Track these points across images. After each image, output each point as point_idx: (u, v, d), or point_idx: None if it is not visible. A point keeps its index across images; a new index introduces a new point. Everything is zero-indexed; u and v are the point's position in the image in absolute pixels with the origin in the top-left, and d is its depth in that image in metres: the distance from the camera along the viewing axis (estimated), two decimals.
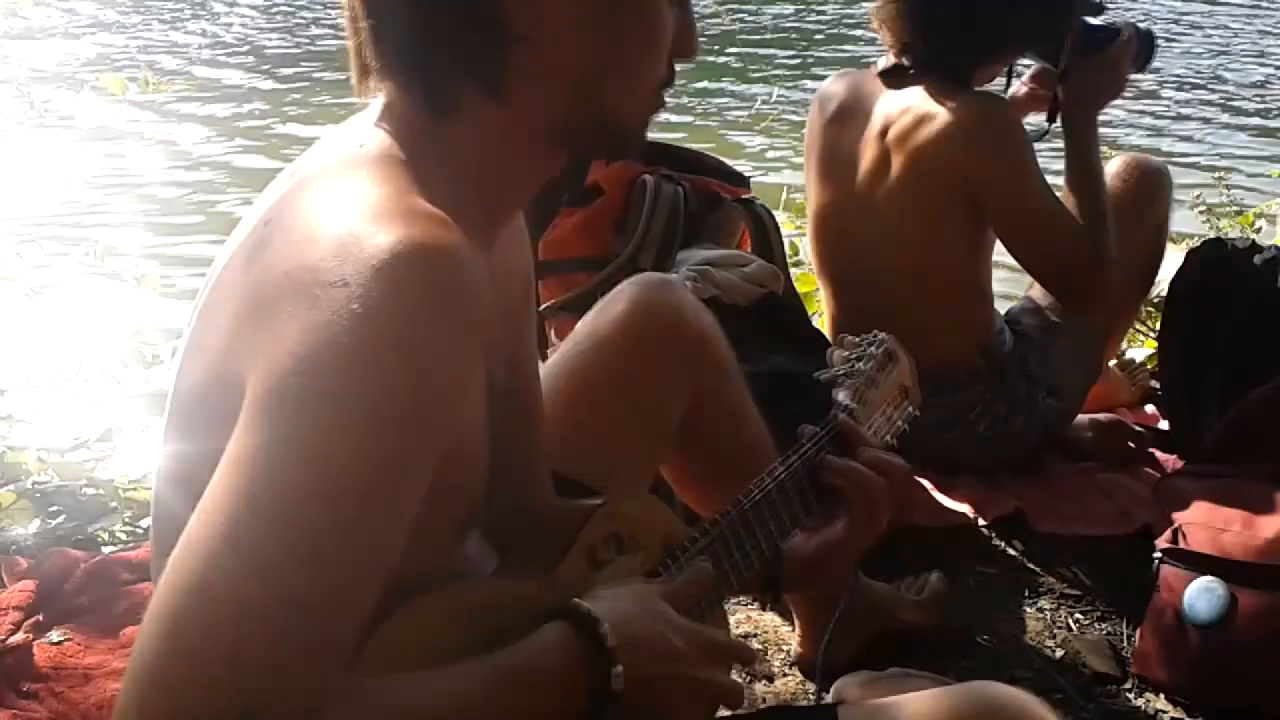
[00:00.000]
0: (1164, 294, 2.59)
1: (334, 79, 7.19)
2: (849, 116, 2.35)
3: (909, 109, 2.26)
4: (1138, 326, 3.02)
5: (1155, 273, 2.56)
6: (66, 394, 2.57)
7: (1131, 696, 1.90)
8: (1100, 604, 2.12)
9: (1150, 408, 2.72)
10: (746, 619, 2.03)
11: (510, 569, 1.08)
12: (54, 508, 2.30)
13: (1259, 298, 2.38)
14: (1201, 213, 3.85)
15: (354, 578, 0.81)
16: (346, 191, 0.91)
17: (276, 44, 8.69)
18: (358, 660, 0.85)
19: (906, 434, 1.51)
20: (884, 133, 2.28)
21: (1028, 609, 2.11)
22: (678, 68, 1.06)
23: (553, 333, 2.28)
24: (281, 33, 9.09)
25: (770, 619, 2.03)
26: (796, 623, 1.94)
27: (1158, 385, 2.72)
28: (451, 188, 0.95)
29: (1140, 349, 2.93)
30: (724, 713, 1.15)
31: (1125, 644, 2.01)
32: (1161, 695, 1.90)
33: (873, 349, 1.47)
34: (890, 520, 1.31)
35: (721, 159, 2.63)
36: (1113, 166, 2.52)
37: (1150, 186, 2.49)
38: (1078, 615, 2.10)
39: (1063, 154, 2.32)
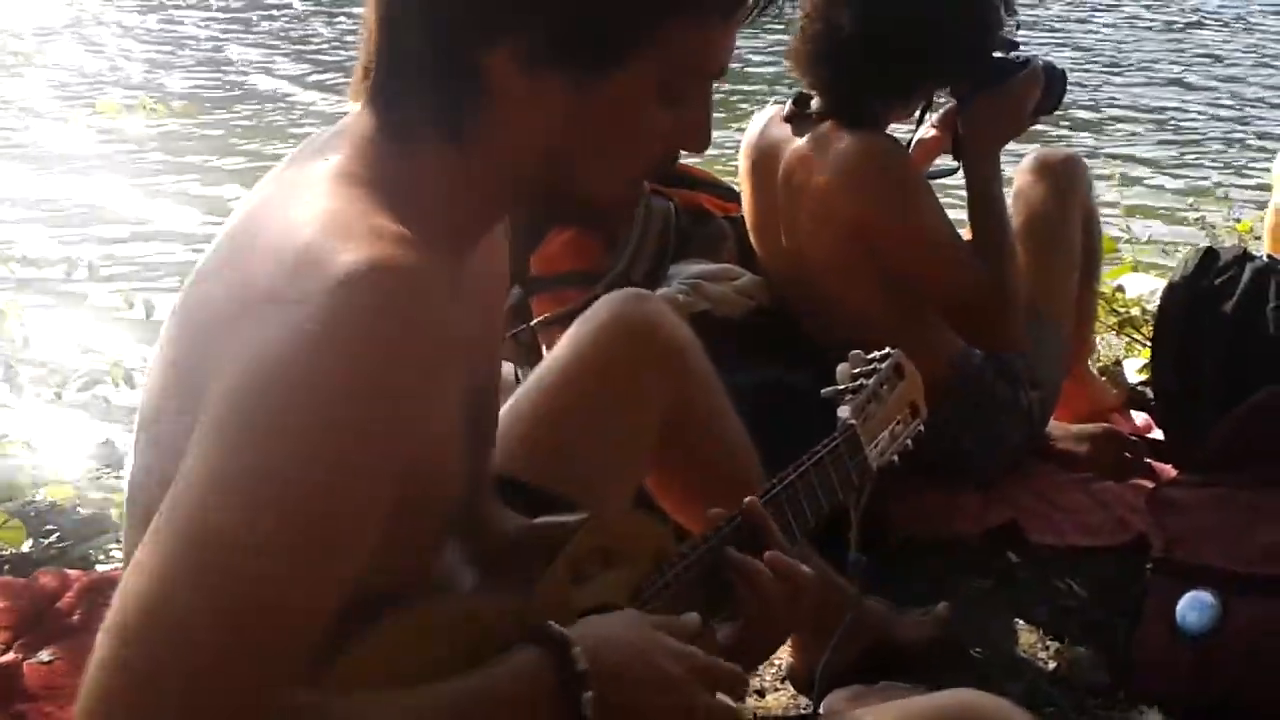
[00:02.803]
0: (1157, 303, 2.58)
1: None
2: (764, 166, 2.29)
3: (804, 158, 2.20)
4: (1133, 335, 3.02)
5: (1098, 259, 2.54)
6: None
7: (1125, 709, 1.89)
8: (1094, 615, 2.11)
9: (1143, 416, 2.71)
10: None
11: (491, 582, 1.07)
12: (48, 527, 2.31)
13: (1250, 306, 2.37)
14: (1195, 220, 3.85)
15: (305, 597, 0.81)
16: (308, 207, 0.91)
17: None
18: (326, 678, 0.84)
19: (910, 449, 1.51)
20: (788, 183, 2.24)
21: (1021, 620, 2.10)
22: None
23: (544, 347, 2.28)
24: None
25: None
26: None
27: (1149, 391, 2.70)
28: (415, 208, 0.95)
29: (1135, 359, 2.92)
30: None
31: (1119, 655, 1.99)
32: (1155, 707, 1.88)
33: (880, 364, 1.46)
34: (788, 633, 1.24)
35: (712, 174, 2.64)
36: (1024, 164, 2.49)
37: (1066, 178, 2.45)
38: (1071, 627, 2.08)
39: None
